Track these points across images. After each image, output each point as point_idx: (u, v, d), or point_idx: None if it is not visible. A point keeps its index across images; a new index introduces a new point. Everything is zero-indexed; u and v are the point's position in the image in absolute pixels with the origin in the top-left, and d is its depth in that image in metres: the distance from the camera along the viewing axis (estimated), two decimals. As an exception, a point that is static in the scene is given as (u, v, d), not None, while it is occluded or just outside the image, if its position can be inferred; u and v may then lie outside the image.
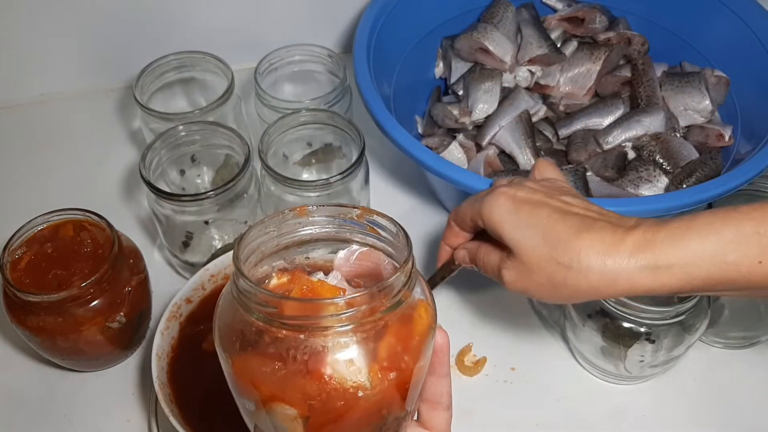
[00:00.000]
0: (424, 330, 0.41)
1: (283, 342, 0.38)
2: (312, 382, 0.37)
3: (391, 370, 0.39)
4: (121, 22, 0.93)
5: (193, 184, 0.83)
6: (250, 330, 0.39)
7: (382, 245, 0.43)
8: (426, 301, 0.42)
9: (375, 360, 0.38)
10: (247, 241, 0.42)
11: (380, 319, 0.38)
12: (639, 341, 0.65)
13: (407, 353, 0.39)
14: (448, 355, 0.44)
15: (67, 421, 0.69)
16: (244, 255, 0.42)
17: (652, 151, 0.80)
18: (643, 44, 0.90)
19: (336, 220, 0.44)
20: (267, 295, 0.38)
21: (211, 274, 0.67)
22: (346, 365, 0.37)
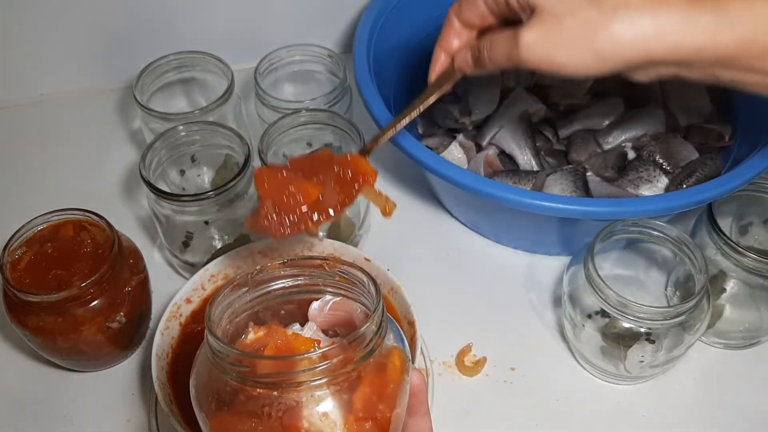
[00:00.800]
0: (398, 376, 0.40)
1: (257, 399, 0.38)
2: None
3: (367, 420, 0.39)
4: (121, 22, 0.93)
5: (193, 184, 0.83)
6: (225, 389, 0.39)
7: (353, 295, 0.43)
8: (398, 348, 0.41)
9: (350, 411, 0.38)
10: (219, 301, 0.43)
11: (353, 370, 0.38)
12: (639, 341, 0.65)
13: (382, 402, 0.39)
14: (426, 394, 0.43)
15: (67, 421, 0.69)
16: (216, 315, 0.42)
17: (652, 151, 0.80)
18: (643, 44, 0.90)
19: (306, 271, 0.44)
20: (239, 354, 0.38)
21: (211, 274, 0.67)
22: (322, 418, 0.37)
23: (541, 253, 0.81)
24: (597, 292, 0.64)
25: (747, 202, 0.73)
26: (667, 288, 0.76)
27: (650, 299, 0.75)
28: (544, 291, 0.78)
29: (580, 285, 0.67)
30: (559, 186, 0.77)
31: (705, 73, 0.46)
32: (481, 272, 0.80)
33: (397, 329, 0.43)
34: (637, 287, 0.76)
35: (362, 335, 0.38)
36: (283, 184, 0.54)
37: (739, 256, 0.66)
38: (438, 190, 0.83)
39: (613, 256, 0.77)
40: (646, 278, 0.77)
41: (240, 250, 0.68)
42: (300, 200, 0.53)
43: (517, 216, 0.70)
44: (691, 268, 0.66)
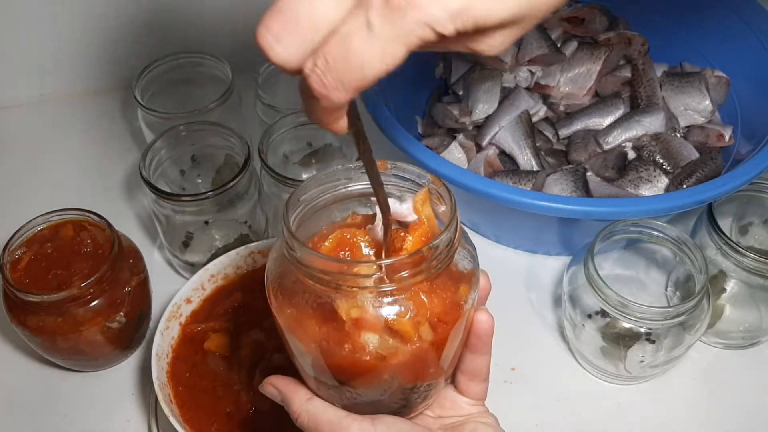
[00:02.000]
0: (450, 309, 0.41)
1: (302, 285, 0.40)
2: (319, 330, 0.40)
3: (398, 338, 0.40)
4: (122, 23, 0.93)
5: (193, 184, 0.83)
6: (284, 267, 0.42)
7: (440, 214, 0.44)
8: (462, 279, 0.42)
9: (383, 327, 0.40)
10: (319, 180, 0.44)
11: (398, 290, 0.39)
12: (639, 341, 0.65)
13: (416, 329, 0.40)
14: (490, 338, 0.45)
15: (67, 421, 0.69)
16: (306, 195, 0.44)
17: (652, 151, 0.80)
18: (643, 44, 0.90)
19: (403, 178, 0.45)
20: (295, 244, 0.40)
21: (211, 274, 0.67)
22: (353, 324, 0.39)
23: (542, 253, 0.81)
24: (597, 292, 0.64)
25: (747, 202, 0.73)
26: (667, 288, 0.76)
27: (650, 299, 0.75)
28: (544, 291, 0.78)
29: (580, 285, 0.67)
30: (559, 186, 0.77)
31: None
32: (481, 272, 0.80)
33: (474, 261, 0.44)
34: (637, 287, 0.76)
35: (415, 259, 0.39)
36: None
37: (739, 256, 0.66)
38: (438, 190, 0.83)
39: (613, 256, 0.77)
40: (646, 278, 0.77)
41: (240, 249, 0.68)
42: None
43: (518, 216, 0.70)
44: (691, 268, 0.66)
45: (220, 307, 0.67)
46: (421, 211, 0.43)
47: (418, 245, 0.41)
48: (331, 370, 0.42)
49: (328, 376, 0.43)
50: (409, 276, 0.39)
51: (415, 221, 0.43)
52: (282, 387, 0.47)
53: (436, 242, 0.40)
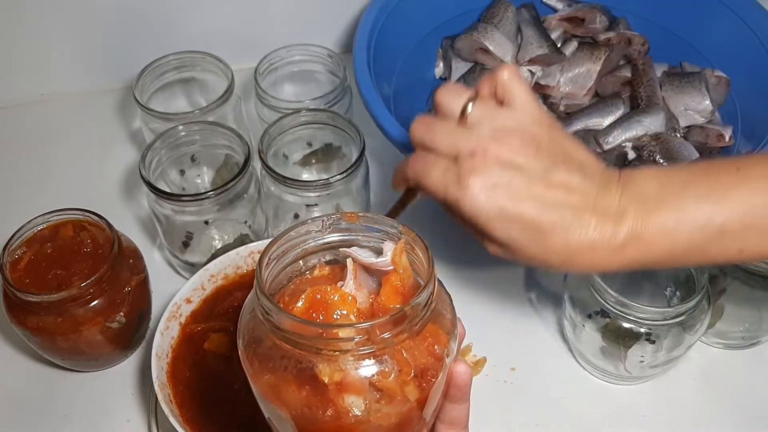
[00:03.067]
0: (431, 366, 0.40)
1: (280, 350, 0.39)
2: (300, 395, 0.38)
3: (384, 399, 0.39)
4: (121, 22, 0.93)
5: (193, 184, 0.83)
6: (260, 329, 0.40)
7: (416, 264, 0.43)
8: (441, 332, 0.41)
9: (367, 388, 0.38)
10: (286, 238, 0.43)
11: (380, 349, 0.38)
12: (639, 341, 0.65)
13: (400, 389, 0.39)
14: (469, 387, 0.44)
15: (67, 421, 0.69)
16: (275, 253, 0.43)
17: (653, 151, 0.80)
18: (643, 44, 0.90)
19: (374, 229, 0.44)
20: (272, 308, 0.38)
21: (211, 274, 0.67)
22: (335, 387, 0.38)
23: (541, 253, 0.80)
24: (597, 293, 0.64)
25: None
26: (667, 288, 0.76)
27: (650, 299, 0.75)
28: (544, 291, 0.78)
29: (580, 285, 0.67)
30: (559, 186, 0.77)
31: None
32: (481, 272, 0.80)
33: (451, 312, 0.43)
34: (637, 287, 0.76)
35: (396, 319, 0.38)
36: None
37: (739, 256, 0.65)
38: (438, 190, 0.82)
39: (613, 256, 0.77)
40: (646, 278, 0.77)
41: (240, 249, 0.68)
42: None
43: (517, 216, 0.70)
44: (691, 268, 0.66)
45: (220, 307, 0.67)
46: (398, 262, 0.42)
47: (393, 295, 0.41)
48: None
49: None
50: (392, 336, 0.38)
51: (389, 271, 0.42)
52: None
53: (418, 300, 0.39)
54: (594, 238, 0.47)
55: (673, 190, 0.47)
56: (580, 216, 0.47)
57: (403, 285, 0.42)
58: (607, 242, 0.47)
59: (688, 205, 0.46)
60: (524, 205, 0.47)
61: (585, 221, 0.47)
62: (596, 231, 0.47)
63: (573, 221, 0.47)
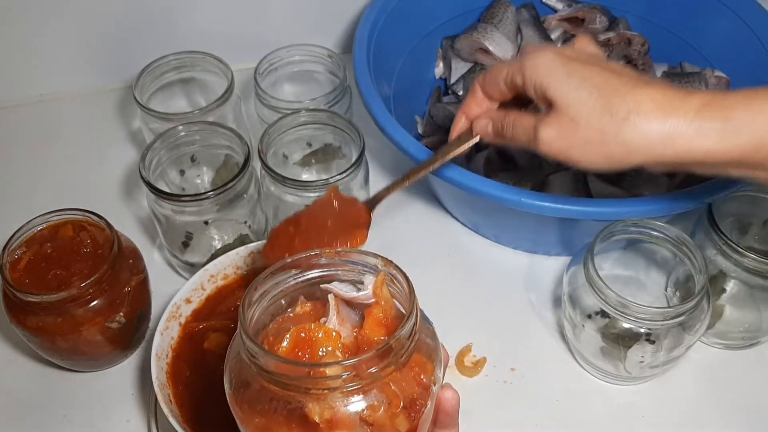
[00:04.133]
0: (419, 395, 0.40)
1: (269, 393, 0.39)
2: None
3: (387, 426, 0.39)
4: (121, 22, 0.93)
5: (193, 184, 0.83)
6: (246, 372, 0.40)
7: (397, 295, 0.44)
8: (427, 360, 0.42)
9: (356, 422, 0.38)
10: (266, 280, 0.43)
11: (368, 384, 0.38)
12: (639, 342, 0.65)
13: (391, 422, 0.39)
14: (457, 412, 0.44)
15: (67, 421, 0.69)
16: (257, 296, 0.43)
17: (652, 151, 0.80)
18: (643, 44, 0.90)
19: (353, 263, 0.45)
20: (254, 350, 0.38)
21: (211, 275, 0.67)
22: (325, 425, 0.38)
23: (541, 253, 0.81)
24: (597, 293, 0.64)
25: (747, 202, 0.73)
26: (667, 288, 0.76)
27: (650, 299, 0.75)
28: (544, 291, 0.78)
29: (580, 285, 0.67)
30: (559, 186, 0.77)
31: (716, 171, 0.49)
32: (481, 272, 0.80)
33: (434, 340, 0.43)
34: (637, 288, 0.76)
35: (382, 353, 0.38)
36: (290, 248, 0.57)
37: (739, 256, 0.65)
38: (438, 191, 0.83)
39: (613, 256, 0.77)
40: (645, 278, 0.77)
41: (240, 250, 0.68)
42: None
43: (517, 216, 0.70)
44: (690, 268, 0.66)
45: (220, 307, 0.67)
46: (380, 294, 0.42)
47: (377, 328, 0.41)
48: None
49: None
50: (379, 370, 0.38)
51: (371, 304, 0.42)
52: None
53: (402, 331, 0.39)
54: (666, 93, 0.46)
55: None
56: (650, 79, 0.47)
57: (385, 317, 0.42)
58: (681, 99, 0.46)
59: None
60: (590, 65, 0.49)
61: (656, 82, 0.47)
62: (668, 89, 0.47)
63: (641, 78, 0.47)
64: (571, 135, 0.49)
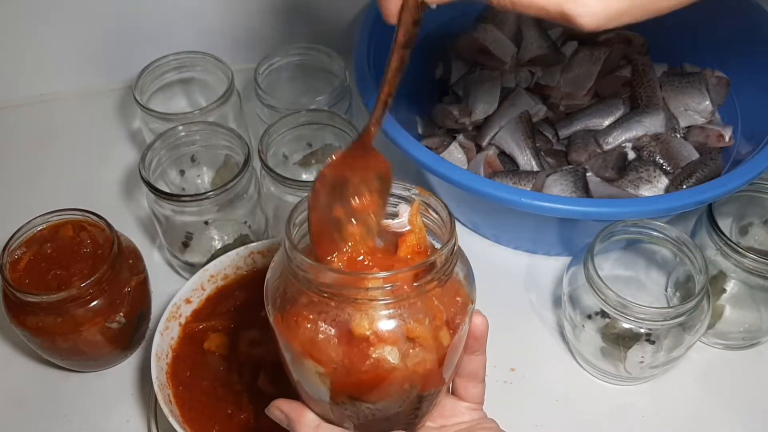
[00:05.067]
0: (458, 312, 0.42)
1: (317, 305, 0.40)
2: (338, 348, 0.39)
3: (418, 347, 0.40)
4: (121, 22, 0.93)
5: (193, 184, 0.83)
6: (292, 289, 0.41)
7: (432, 224, 0.45)
8: (463, 284, 0.43)
9: (402, 336, 0.39)
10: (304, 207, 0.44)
11: (413, 298, 0.39)
12: (639, 342, 0.65)
13: (437, 334, 0.40)
14: (485, 338, 0.46)
15: (67, 421, 0.69)
16: (299, 219, 0.43)
17: (653, 151, 0.80)
18: (643, 44, 0.90)
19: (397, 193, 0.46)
20: (307, 263, 0.39)
21: (211, 275, 0.67)
22: (372, 337, 0.39)
23: (541, 253, 0.81)
24: (597, 293, 0.64)
25: (747, 202, 0.73)
26: (667, 288, 0.76)
27: (650, 300, 0.75)
28: (544, 291, 0.78)
29: (580, 285, 0.67)
30: (559, 186, 0.77)
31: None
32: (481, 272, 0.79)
33: (469, 269, 0.45)
34: (637, 288, 0.76)
35: (427, 267, 0.40)
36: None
37: (739, 256, 0.65)
38: (438, 191, 0.83)
39: (613, 256, 0.77)
40: (646, 279, 0.77)
41: (240, 250, 0.68)
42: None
43: (517, 216, 0.70)
44: (691, 268, 0.66)
45: (220, 307, 0.67)
46: (415, 222, 0.43)
47: (411, 255, 0.42)
48: (352, 388, 0.41)
49: (346, 396, 0.42)
50: (424, 284, 0.39)
51: (406, 232, 0.43)
52: (289, 411, 0.46)
53: (446, 249, 0.40)
54: None
55: None
56: None
57: (419, 244, 0.43)
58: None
59: None
60: None
61: None
62: None
63: None
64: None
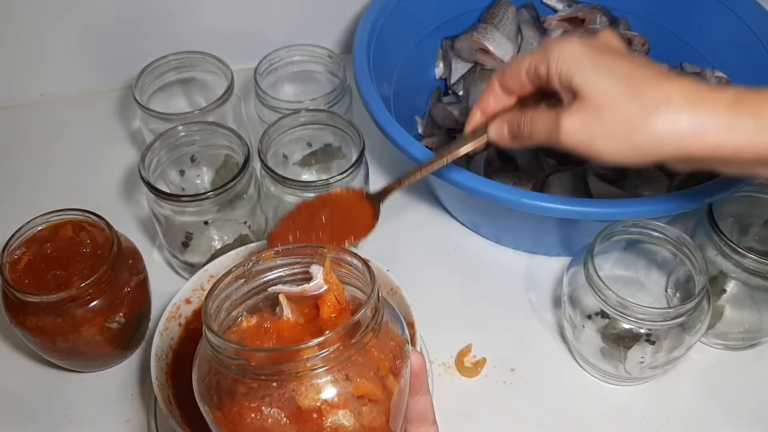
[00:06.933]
0: (397, 355, 0.40)
1: (257, 391, 0.38)
2: (291, 427, 0.38)
3: (370, 401, 0.39)
4: (121, 22, 0.93)
5: (193, 185, 0.83)
6: (226, 382, 0.39)
7: (348, 278, 0.43)
8: (396, 332, 0.42)
9: (352, 396, 0.38)
10: (216, 294, 0.43)
11: (353, 355, 0.38)
12: (639, 342, 0.65)
13: (384, 384, 0.39)
14: (426, 375, 0.44)
15: (67, 421, 0.69)
16: (213, 308, 0.42)
17: (653, 151, 0.80)
18: (643, 45, 0.90)
19: (302, 259, 0.44)
20: (236, 348, 0.38)
21: (211, 275, 0.67)
22: (324, 405, 0.38)
23: (541, 253, 0.81)
24: (597, 293, 0.64)
25: (747, 203, 0.73)
26: (667, 289, 0.76)
27: (650, 300, 0.75)
28: (544, 292, 0.78)
29: (580, 286, 0.67)
30: (559, 186, 0.77)
31: (742, 170, 0.48)
32: (481, 273, 0.80)
33: (395, 313, 0.43)
34: (637, 288, 0.76)
35: (359, 321, 0.39)
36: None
37: (740, 257, 0.65)
38: (438, 191, 0.83)
39: (613, 256, 0.77)
40: (646, 279, 0.77)
41: (239, 250, 0.68)
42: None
43: (517, 217, 0.70)
44: (691, 269, 0.66)
45: (220, 307, 0.67)
46: (330, 280, 0.42)
47: (333, 312, 0.41)
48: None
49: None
50: (362, 337, 0.38)
51: (324, 291, 0.42)
52: None
53: (373, 296, 0.39)
54: (698, 85, 0.45)
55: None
56: (679, 74, 0.47)
57: (339, 301, 0.42)
58: (713, 92, 0.45)
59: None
60: (618, 56, 0.48)
61: (686, 76, 0.46)
62: (699, 83, 0.46)
63: (671, 72, 0.47)
64: (597, 124, 0.47)
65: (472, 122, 0.59)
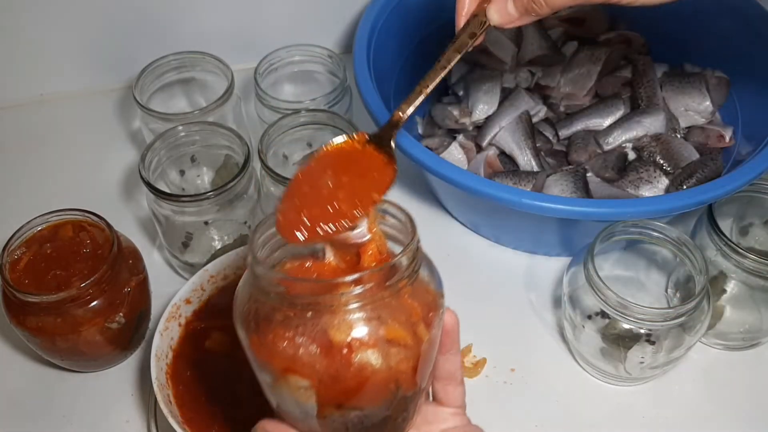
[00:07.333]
0: (431, 307, 0.42)
1: (293, 320, 0.40)
2: (320, 358, 0.39)
3: (399, 345, 0.40)
4: (121, 22, 0.93)
5: (193, 185, 0.83)
6: (264, 309, 0.41)
7: (391, 230, 0.45)
8: (431, 283, 0.43)
9: (382, 337, 0.39)
10: (264, 230, 0.44)
11: (386, 297, 0.39)
12: (639, 342, 0.65)
13: (415, 330, 0.41)
14: (458, 334, 0.45)
15: (66, 421, 0.69)
16: (260, 241, 0.43)
17: (653, 152, 0.80)
18: (643, 45, 0.90)
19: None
20: (278, 276, 0.40)
21: (211, 275, 0.67)
22: (353, 343, 0.39)
23: (541, 253, 0.81)
24: (597, 293, 0.64)
25: (747, 203, 0.73)
26: (667, 289, 0.76)
27: (650, 300, 0.75)
28: (544, 292, 0.78)
29: (580, 286, 0.67)
30: (559, 187, 0.77)
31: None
32: (481, 273, 0.80)
33: (434, 269, 0.45)
34: (637, 288, 0.76)
35: (395, 266, 0.40)
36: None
37: (740, 257, 0.65)
38: (438, 191, 0.83)
39: (613, 257, 0.77)
40: (646, 279, 0.77)
41: (240, 250, 0.68)
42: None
43: (518, 217, 0.70)
44: (691, 269, 0.66)
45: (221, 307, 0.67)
46: (373, 230, 0.44)
47: (373, 261, 0.42)
48: (339, 396, 0.41)
49: (334, 407, 0.42)
50: (397, 281, 0.40)
51: (366, 240, 0.43)
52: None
53: (412, 245, 0.41)
54: None
55: None
56: None
57: (380, 251, 0.43)
58: None
59: None
60: None
61: None
62: None
63: None
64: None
65: (462, 11, 0.49)
